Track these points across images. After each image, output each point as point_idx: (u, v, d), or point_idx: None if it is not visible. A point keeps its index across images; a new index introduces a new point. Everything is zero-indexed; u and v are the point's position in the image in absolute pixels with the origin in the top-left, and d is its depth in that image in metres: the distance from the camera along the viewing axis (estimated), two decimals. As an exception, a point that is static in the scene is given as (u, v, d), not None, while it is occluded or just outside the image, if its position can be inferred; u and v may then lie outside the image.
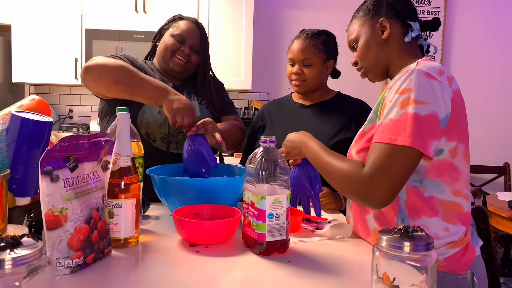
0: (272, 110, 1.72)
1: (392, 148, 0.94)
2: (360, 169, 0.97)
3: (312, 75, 1.57)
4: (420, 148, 0.93)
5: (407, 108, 0.95)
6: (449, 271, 1.00)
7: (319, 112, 1.62)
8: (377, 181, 0.94)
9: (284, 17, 3.73)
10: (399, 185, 0.95)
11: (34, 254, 0.58)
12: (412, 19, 1.12)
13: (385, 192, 0.93)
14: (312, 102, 1.65)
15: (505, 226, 2.58)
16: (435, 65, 1.01)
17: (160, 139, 1.50)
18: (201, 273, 0.85)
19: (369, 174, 0.95)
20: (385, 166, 0.94)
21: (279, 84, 3.78)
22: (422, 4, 3.76)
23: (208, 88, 1.65)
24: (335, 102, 1.63)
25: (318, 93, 1.64)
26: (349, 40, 1.19)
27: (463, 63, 3.83)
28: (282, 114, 1.68)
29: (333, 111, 1.60)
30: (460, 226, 1.02)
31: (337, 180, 1.03)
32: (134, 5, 3.23)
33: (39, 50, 3.23)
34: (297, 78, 1.58)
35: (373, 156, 0.96)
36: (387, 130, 0.96)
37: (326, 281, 0.83)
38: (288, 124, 1.63)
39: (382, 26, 1.11)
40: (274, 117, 1.69)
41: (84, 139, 0.85)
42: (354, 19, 1.18)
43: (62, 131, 3.42)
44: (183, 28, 1.56)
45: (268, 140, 0.98)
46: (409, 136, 0.93)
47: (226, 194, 1.20)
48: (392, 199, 0.95)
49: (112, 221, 0.96)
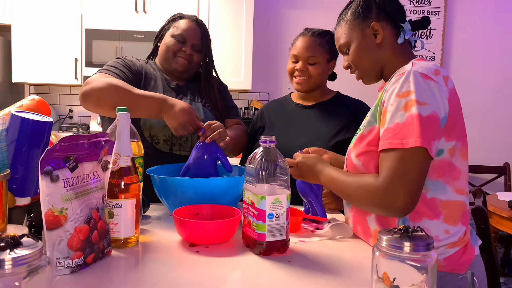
0: (271, 110, 1.71)
1: (404, 152, 0.93)
2: (375, 180, 0.96)
3: (316, 73, 1.56)
4: (428, 147, 0.92)
5: (411, 109, 0.94)
6: (449, 271, 1.00)
7: (319, 112, 1.61)
8: (394, 189, 0.92)
9: (284, 17, 3.73)
10: (418, 188, 0.93)
11: (34, 254, 0.58)
12: (402, 20, 1.11)
13: (405, 198, 0.92)
14: (312, 102, 1.64)
15: (505, 226, 2.58)
16: (430, 65, 1.01)
17: (164, 141, 1.49)
18: (201, 273, 0.85)
19: (385, 183, 0.93)
20: (400, 172, 0.92)
21: (279, 84, 3.78)
22: (422, 4, 3.76)
23: (212, 90, 1.64)
24: (335, 103, 1.62)
25: (317, 93, 1.63)
26: (339, 45, 1.17)
27: (463, 63, 3.83)
28: (282, 114, 1.67)
29: (333, 111, 1.59)
30: (461, 226, 1.02)
31: (356, 198, 1.02)
32: (134, 5, 3.23)
33: (39, 50, 3.23)
34: (301, 75, 1.57)
35: (386, 164, 0.95)
36: (395, 135, 0.95)
37: (326, 281, 0.83)
38: (287, 125, 1.62)
39: (374, 30, 1.10)
40: (273, 118, 1.68)
41: (84, 139, 0.85)
42: (342, 21, 1.16)
43: (62, 131, 3.42)
44: (184, 27, 1.55)
45: (268, 140, 0.98)
46: (418, 137, 0.92)
47: (226, 194, 1.20)
48: (414, 204, 0.93)
49: (112, 221, 0.96)
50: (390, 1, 1.12)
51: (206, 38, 1.60)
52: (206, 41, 1.60)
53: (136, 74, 1.54)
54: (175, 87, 1.59)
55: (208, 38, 1.61)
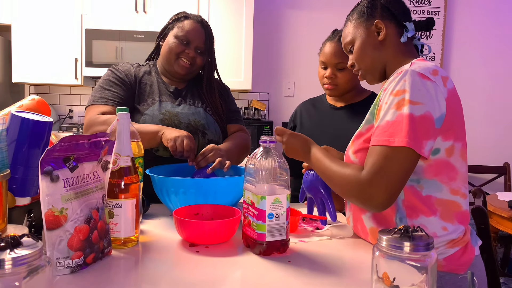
0: (304, 110, 1.72)
1: (389, 150, 0.94)
2: (359, 172, 0.97)
3: (345, 79, 1.55)
4: (415, 148, 0.93)
5: (403, 109, 0.95)
6: (449, 271, 1.00)
7: (349, 114, 1.60)
8: (376, 184, 0.94)
9: (284, 17, 3.73)
10: (398, 187, 0.95)
11: (34, 254, 0.58)
12: (407, 20, 1.12)
13: (385, 194, 0.93)
14: (344, 103, 1.63)
15: (505, 226, 2.58)
16: (429, 65, 1.01)
17: (163, 148, 1.45)
18: (201, 273, 0.85)
19: (367, 177, 0.95)
20: (383, 168, 0.94)
21: (279, 84, 3.78)
22: (422, 4, 3.76)
23: (213, 94, 1.61)
24: (366, 103, 1.60)
25: (351, 94, 1.62)
26: (344, 43, 1.19)
27: (463, 63, 3.83)
28: (313, 115, 1.67)
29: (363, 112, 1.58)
30: (458, 225, 1.02)
31: (337, 184, 1.03)
32: (134, 5, 3.23)
33: (39, 50, 3.23)
34: (330, 82, 1.56)
35: (371, 159, 0.96)
36: (384, 133, 0.96)
37: (326, 281, 0.83)
38: (317, 126, 1.62)
39: (378, 28, 1.11)
40: (305, 117, 1.68)
41: (84, 139, 0.85)
42: (349, 21, 1.18)
43: (62, 131, 3.42)
44: (188, 29, 1.51)
45: (268, 140, 0.98)
46: (405, 137, 0.93)
47: (226, 194, 1.20)
48: (392, 201, 0.95)
49: (112, 221, 0.96)
50: (395, 2, 1.13)
51: (210, 39, 1.57)
52: (210, 43, 1.57)
53: (130, 87, 1.52)
54: (174, 91, 1.57)
55: (212, 40, 1.59)
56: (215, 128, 1.57)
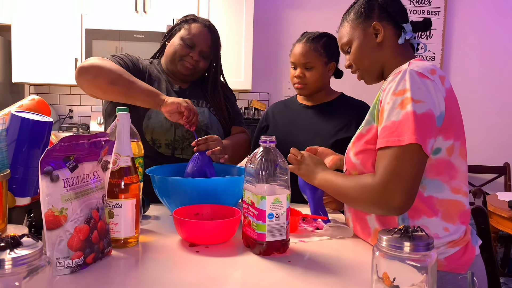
0: (276, 110, 1.76)
1: (399, 150, 0.93)
2: (371, 179, 0.97)
3: (313, 79, 1.59)
4: (422, 144, 0.93)
5: (407, 107, 0.95)
6: (449, 271, 1.00)
7: (320, 112, 1.65)
8: (391, 187, 0.93)
9: (284, 17, 3.73)
10: (414, 185, 0.94)
11: (34, 254, 0.58)
12: (404, 21, 1.12)
13: (402, 196, 0.92)
14: (315, 103, 1.68)
15: (505, 226, 2.58)
16: (426, 64, 1.01)
17: (165, 145, 1.48)
18: (201, 273, 0.85)
19: (381, 181, 0.94)
20: (395, 170, 0.93)
21: (279, 84, 3.78)
22: (422, 4, 3.76)
23: (218, 96, 1.63)
24: (337, 103, 1.66)
25: (321, 94, 1.67)
26: (341, 44, 1.19)
27: (463, 63, 3.83)
28: (286, 114, 1.71)
29: (335, 111, 1.63)
30: (460, 225, 1.02)
31: (353, 197, 1.02)
32: (134, 5, 3.23)
33: (39, 50, 3.23)
34: (299, 82, 1.61)
35: (381, 163, 0.95)
36: (392, 133, 0.95)
37: (326, 281, 0.83)
38: (290, 124, 1.66)
39: (376, 30, 1.11)
40: (278, 117, 1.72)
41: (84, 139, 0.85)
42: (345, 21, 1.17)
43: (62, 131, 3.42)
44: (194, 32, 1.53)
45: (268, 140, 0.98)
46: (413, 133, 0.92)
47: (226, 194, 1.20)
48: (411, 201, 0.94)
49: (112, 221, 0.96)
50: (392, 2, 1.13)
51: (217, 44, 1.59)
52: (216, 48, 1.59)
53: (140, 71, 1.53)
54: (178, 90, 1.58)
55: (219, 45, 1.60)
56: (218, 128, 1.59)
